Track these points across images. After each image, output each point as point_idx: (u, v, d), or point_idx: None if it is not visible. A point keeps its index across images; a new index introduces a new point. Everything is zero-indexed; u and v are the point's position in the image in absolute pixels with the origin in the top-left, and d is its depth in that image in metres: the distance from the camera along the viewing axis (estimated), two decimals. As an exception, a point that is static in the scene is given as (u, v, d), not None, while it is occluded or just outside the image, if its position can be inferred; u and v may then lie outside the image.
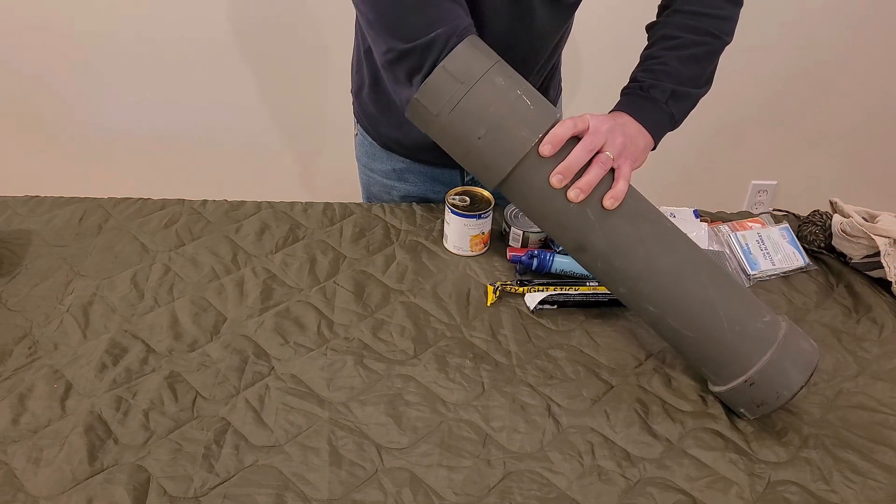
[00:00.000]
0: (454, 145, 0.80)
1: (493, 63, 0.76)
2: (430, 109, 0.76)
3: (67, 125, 1.99)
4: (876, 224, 1.04)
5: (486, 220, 1.04)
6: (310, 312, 0.96)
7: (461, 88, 0.74)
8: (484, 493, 0.74)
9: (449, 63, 0.74)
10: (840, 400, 0.86)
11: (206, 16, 1.81)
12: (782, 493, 0.75)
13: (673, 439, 0.80)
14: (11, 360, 0.87)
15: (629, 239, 0.79)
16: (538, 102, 0.78)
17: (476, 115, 0.75)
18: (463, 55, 0.75)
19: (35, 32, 1.83)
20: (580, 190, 0.78)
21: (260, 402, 0.83)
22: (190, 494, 0.72)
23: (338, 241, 1.09)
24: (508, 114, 0.75)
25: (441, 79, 0.75)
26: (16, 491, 0.72)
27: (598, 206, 0.78)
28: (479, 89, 0.74)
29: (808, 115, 2.10)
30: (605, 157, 0.79)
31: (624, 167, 0.80)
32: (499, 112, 0.75)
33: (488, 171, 0.79)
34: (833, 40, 1.96)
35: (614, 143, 0.80)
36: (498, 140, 0.75)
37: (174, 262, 1.04)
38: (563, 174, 0.77)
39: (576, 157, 0.77)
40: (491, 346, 0.92)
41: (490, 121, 0.75)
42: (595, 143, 0.78)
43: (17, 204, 1.16)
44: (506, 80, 0.76)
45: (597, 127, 0.79)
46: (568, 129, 0.78)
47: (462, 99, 0.74)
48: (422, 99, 0.76)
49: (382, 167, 1.20)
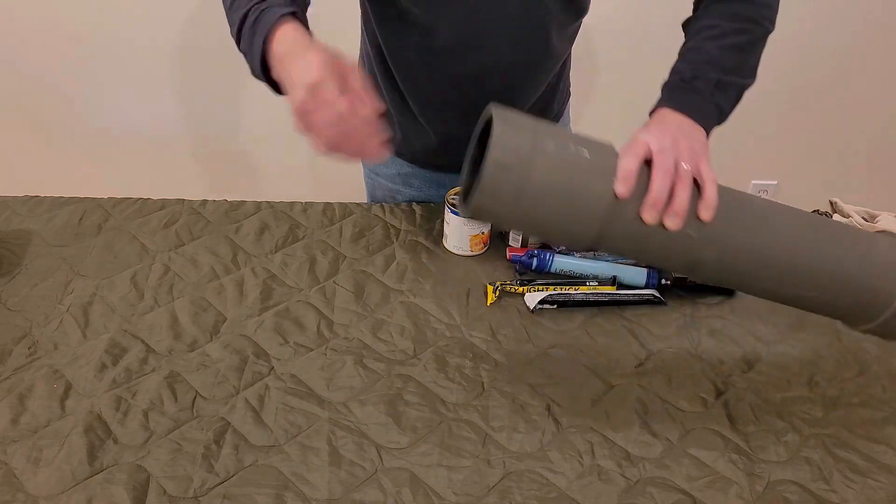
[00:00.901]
0: (530, 228, 0.72)
1: (533, 129, 0.69)
2: (494, 209, 0.69)
3: (67, 125, 1.99)
4: (876, 224, 1.04)
5: None
6: (309, 312, 0.96)
7: (517, 176, 0.67)
8: (484, 492, 0.74)
9: (495, 154, 0.66)
10: (840, 400, 0.86)
11: (206, 15, 1.81)
12: (782, 493, 0.75)
13: (673, 439, 0.80)
14: (11, 360, 0.87)
15: (736, 238, 0.73)
16: (591, 146, 0.72)
17: (543, 194, 0.68)
18: (503, 138, 0.67)
19: (35, 32, 1.83)
20: (676, 215, 0.70)
21: (260, 401, 0.83)
22: (189, 494, 0.72)
23: (338, 240, 1.09)
24: (574, 176, 0.68)
25: (494, 175, 0.67)
26: (15, 491, 0.72)
27: (695, 221, 0.72)
28: (535, 168, 0.67)
29: (809, 114, 2.10)
30: (683, 171, 0.72)
31: (704, 170, 0.73)
32: (563, 180, 0.68)
33: (577, 240, 0.73)
34: (833, 41, 1.96)
35: (682, 151, 0.73)
36: (574, 208, 0.69)
37: (174, 262, 1.04)
38: (654, 209, 0.70)
39: (659, 187, 0.70)
40: (491, 346, 0.92)
41: (559, 192, 0.68)
42: (668, 162, 0.71)
43: (16, 204, 1.16)
44: (553, 141, 0.69)
45: (660, 144, 0.73)
46: (634, 160, 0.71)
47: (523, 186, 0.67)
48: (483, 201, 0.69)
49: (387, 171, 1.19)
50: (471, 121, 1.04)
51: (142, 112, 1.97)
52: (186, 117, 1.98)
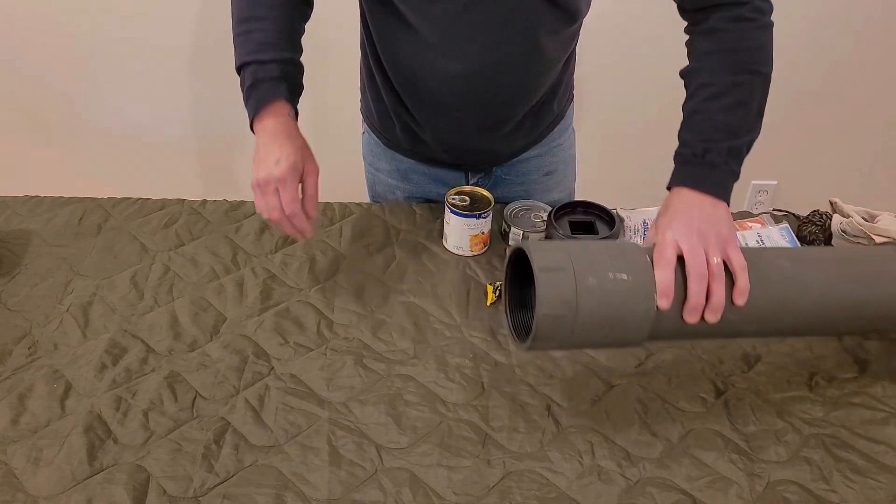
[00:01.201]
0: (585, 347, 0.79)
1: (572, 268, 0.73)
2: (549, 346, 0.76)
3: (67, 125, 1.99)
4: (876, 224, 1.04)
5: (485, 219, 1.04)
6: (310, 312, 0.96)
7: (567, 321, 0.72)
8: (484, 492, 0.74)
9: (542, 309, 0.71)
10: (840, 400, 0.86)
11: (206, 15, 1.81)
12: (782, 493, 0.75)
13: (673, 439, 0.80)
14: (11, 360, 0.87)
15: (773, 311, 0.78)
16: (629, 265, 0.75)
17: (592, 326, 0.73)
18: (547, 290, 0.71)
19: (35, 33, 1.83)
20: (715, 311, 0.75)
21: (260, 401, 0.83)
22: (189, 494, 0.72)
23: (338, 241, 1.09)
24: (618, 305, 0.73)
25: (545, 325, 0.72)
26: (15, 491, 0.72)
27: (731, 307, 0.76)
28: (582, 309, 0.72)
29: (809, 115, 2.10)
30: (715, 267, 0.75)
31: (733, 257, 0.76)
32: (610, 311, 0.73)
33: (628, 347, 0.78)
34: (834, 41, 1.96)
35: (710, 243, 0.76)
36: (623, 329, 0.74)
37: (174, 262, 1.04)
38: (696, 312, 0.74)
39: (696, 293, 0.74)
40: (491, 346, 0.92)
41: (607, 321, 0.73)
42: (701, 265, 0.74)
43: (16, 204, 1.16)
44: (593, 274, 0.73)
45: (689, 243, 0.76)
46: (668, 271, 0.74)
47: (573, 326, 0.72)
48: (537, 345, 0.75)
49: (387, 166, 1.20)
50: (462, 120, 1.04)
51: (142, 112, 1.97)
52: (186, 117, 1.98)
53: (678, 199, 0.83)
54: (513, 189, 1.20)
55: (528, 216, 1.10)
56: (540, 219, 1.09)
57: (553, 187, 1.22)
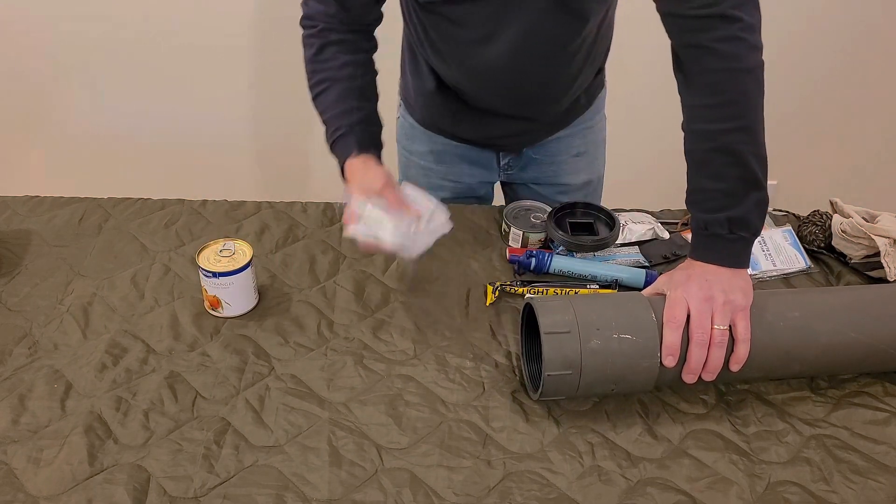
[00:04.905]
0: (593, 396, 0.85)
1: (577, 330, 0.78)
2: (558, 397, 0.82)
3: (67, 125, 1.99)
4: (876, 224, 1.04)
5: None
6: (310, 312, 0.96)
7: (572, 378, 0.78)
8: (484, 493, 0.74)
9: (548, 369, 0.77)
10: (841, 400, 0.86)
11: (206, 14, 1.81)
12: (782, 494, 0.75)
13: (673, 440, 0.80)
14: (11, 360, 0.87)
15: (781, 361, 0.83)
16: (634, 325, 0.79)
17: (597, 382, 0.79)
18: (552, 352, 0.77)
19: (36, 33, 1.83)
20: (710, 374, 0.80)
21: (260, 402, 0.83)
22: (190, 494, 0.72)
23: (338, 241, 1.09)
24: (622, 364, 0.78)
25: (552, 383, 0.78)
26: (16, 491, 0.72)
27: (728, 369, 0.81)
28: (587, 368, 0.78)
29: (809, 115, 2.10)
30: (718, 336, 0.79)
31: (739, 327, 0.80)
32: (614, 370, 0.78)
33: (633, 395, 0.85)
34: (834, 41, 1.96)
35: (718, 309, 0.79)
36: (628, 384, 0.80)
37: (174, 263, 1.04)
38: (693, 374, 0.80)
39: (695, 359, 0.79)
40: (491, 346, 0.92)
41: (612, 378, 0.79)
42: (703, 333, 0.79)
43: (17, 204, 1.16)
44: (598, 336, 0.78)
45: (698, 308, 0.79)
46: (676, 334, 0.79)
47: (579, 382, 0.79)
48: (547, 397, 0.81)
49: (421, 149, 1.21)
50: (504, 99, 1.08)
51: (142, 112, 1.97)
52: (187, 117, 1.98)
53: (696, 266, 0.85)
54: (543, 170, 1.21)
55: (528, 216, 1.10)
56: (540, 219, 1.09)
57: (582, 168, 1.22)
